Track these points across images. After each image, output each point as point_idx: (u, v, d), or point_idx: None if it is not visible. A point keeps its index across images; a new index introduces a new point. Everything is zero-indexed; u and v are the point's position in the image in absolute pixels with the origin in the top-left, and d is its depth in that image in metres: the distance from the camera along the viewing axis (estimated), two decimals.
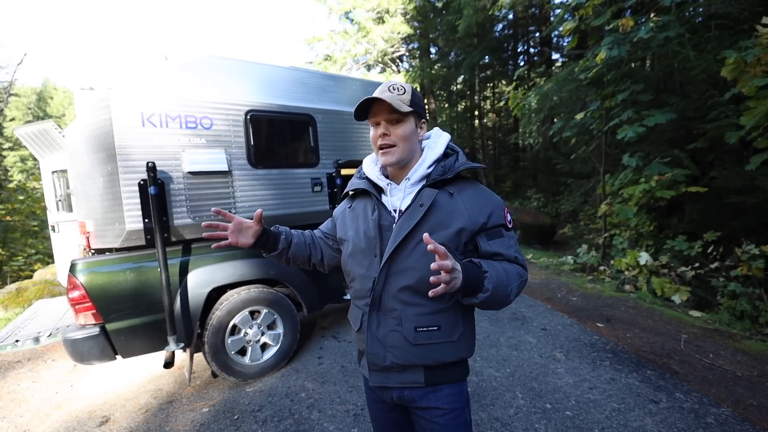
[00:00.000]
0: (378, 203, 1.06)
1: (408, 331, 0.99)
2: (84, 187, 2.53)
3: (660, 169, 4.97)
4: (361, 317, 1.07)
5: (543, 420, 2.22)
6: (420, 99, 1.05)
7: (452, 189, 1.02)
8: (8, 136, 20.87)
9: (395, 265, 1.00)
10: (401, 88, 1.01)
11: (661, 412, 2.25)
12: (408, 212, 1.00)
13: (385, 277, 1.01)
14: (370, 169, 1.12)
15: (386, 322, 1.02)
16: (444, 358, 1.00)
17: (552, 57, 13.81)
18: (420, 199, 0.99)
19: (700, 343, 3.19)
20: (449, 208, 0.99)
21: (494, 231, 1.01)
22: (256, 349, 2.85)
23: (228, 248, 2.72)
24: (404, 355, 1.00)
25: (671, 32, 4.56)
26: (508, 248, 1.00)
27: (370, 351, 1.04)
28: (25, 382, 3.08)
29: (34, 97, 27.93)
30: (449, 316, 1.00)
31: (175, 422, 2.39)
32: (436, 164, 1.04)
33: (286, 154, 3.00)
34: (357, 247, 1.07)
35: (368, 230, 1.05)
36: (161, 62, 2.61)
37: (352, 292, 1.13)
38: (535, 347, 3.17)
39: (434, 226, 0.97)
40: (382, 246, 1.02)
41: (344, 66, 13.90)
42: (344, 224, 1.16)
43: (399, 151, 1.01)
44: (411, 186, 1.03)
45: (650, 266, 4.88)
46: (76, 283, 2.23)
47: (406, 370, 1.03)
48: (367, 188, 1.09)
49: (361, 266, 1.06)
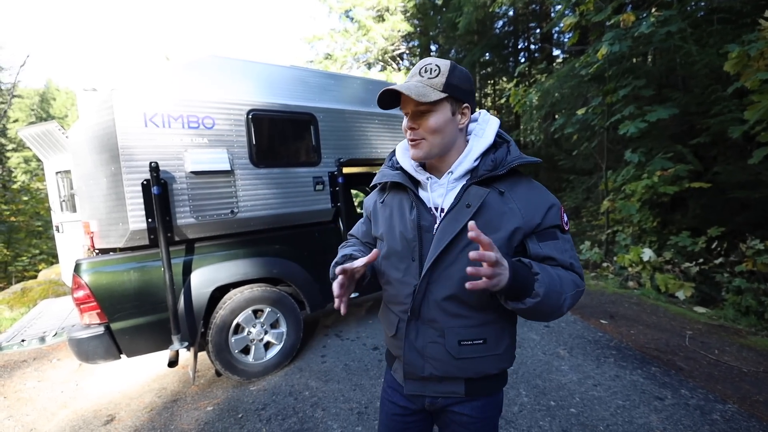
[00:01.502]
0: (416, 199, 0.93)
1: (451, 345, 0.91)
2: (88, 187, 2.54)
3: (663, 165, 4.95)
4: (397, 323, 0.98)
5: (547, 417, 2.22)
6: (462, 78, 0.87)
7: (503, 186, 0.89)
8: (12, 137, 20.99)
9: (438, 272, 0.89)
10: (435, 68, 0.85)
11: (666, 408, 2.25)
12: (452, 213, 0.87)
13: (426, 285, 0.91)
14: (405, 159, 0.97)
15: (426, 332, 0.93)
16: (487, 370, 0.93)
17: (553, 53, 13.75)
18: (467, 198, 0.87)
19: (705, 339, 3.18)
20: (499, 209, 0.87)
21: (548, 232, 0.89)
22: (259, 348, 2.86)
23: (230, 248, 2.74)
24: (444, 368, 0.93)
25: (673, 27, 4.54)
26: (563, 252, 0.88)
27: (407, 361, 0.96)
28: (31, 382, 3.10)
29: (37, 99, 28.03)
30: (496, 328, 0.92)
31: (179, 421, 2.40)
32: (483, 156, 0.91)
33: (287, 153, 3.00)
34: (392, 249, 0.96)
35: (405, 231, 0.93)
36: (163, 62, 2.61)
37: (386, 296, 1.04)
38: (538, 344, 3.17)
39: (482, 229, 0.83)
40: (421, 250, 0.91)
41: (345, 64, 13.88)
42: (377, 220, 1.04)
43: (427, 145, 0.88)
44: (454, 181, 0.91)
45: (654, 262, 4.87)
46: (81, 282, 2.24)
47: (444, 381, 0.95)
48: (403, 181, 0.95)
49: (397, 270, 0.96)
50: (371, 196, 1.11)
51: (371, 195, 1.11)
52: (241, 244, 2.79)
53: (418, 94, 0.83)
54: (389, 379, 1.09)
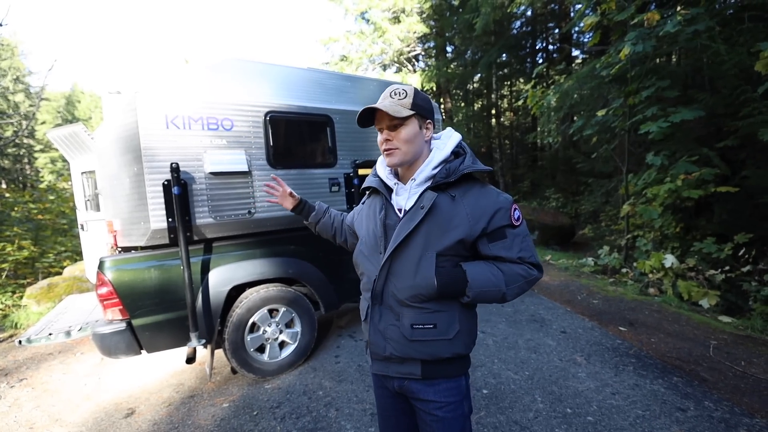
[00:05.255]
0: (386, 202, 1.11)
1: (405, 327, 1.04)
2: (111, 187, 2.62)
3: (687, 168, 4.78)
4: (367, 309, 1.13)
5: (564, 425, 2.17)
6: (424, 100, 1.07)
7: (455, 192, 1.03)
8: (40, 138, 21.85)
9: (396, 264, 1.04)
10: (402, 92, 1.04)
11: (689, 420, 2.17)
12: (410, 213, 1.03)
13: (386, 274, 1.06)
14: (381, 168, 1.17)
15: (387, 315, 1.08)
16: (440, 354, 1.04)
17: (572, 54, 13.50)
18: (421, 201, 1.02)
19: (730, 349, 3.06)
20: (449, 213, 1.02)
21: (497, 233, 1.03)
22: (274, 347, 2.89)
23: (247, 248, 2.78)
24: (402, 348, 1.05)
25: (700, 26, 4.38)
26: (509, 249, 1.03)
27: (372, 341, 1.11)
28: (56, 374, 3.22)
29: (63, 101, 29.08)
30: (445, 316, 1.04)
31: (196, 416, 2.45)
32: (442, 165, 1.06)
33: (304, 154, 3.03)
34: (365, 243, 1.14)
35: (375, 228, 1.10)
36: (184, 65, 2.67)
37: (361, 285, 1.19)
38: (554, 350, 3.11)
39: (433, 229, 1.01)
40: (386, 244, 1.06)
41: (360, 66, 13.93)
42: (360, 220, 1.23)
43: (401, 153, 1.04)
44: (416, 186, 1.07)
45: (676, 269, 4.71)
46: (105, 279, 2.32)
47: (404, 362, 1.07)
48: (377, 187, 1.14)
49: (368, 261, 1.12)
50: (363, 200, 1.31)
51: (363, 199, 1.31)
52: (257, 244, 2.83)
53: (394, 111, 1.00)
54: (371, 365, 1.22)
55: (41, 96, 9.43)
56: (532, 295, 4.60)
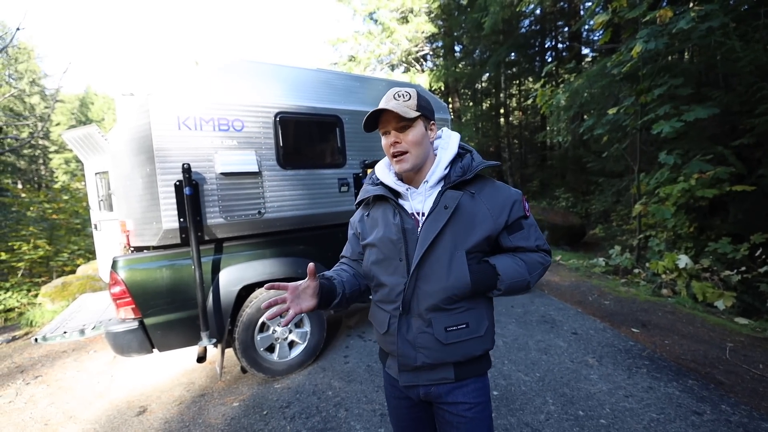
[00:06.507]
0: (398, 207, 1.07)
1: (438, 332, 1.02)
2: (124, 187, 2.66)
3: (701, 167, 4.69)
4: (389, 320, 1.08)
5: (576, 427, 2.14)
6: (427, 101, 1.07)
7: (473, 189, 1.05)
8: (54, 139, 22.30)
9: (424, 269, 1.02)
10: (406, 93, 1.03)
11: (705, 424, 2.12)
12: (433, 215, 1.01)
13: (415, 282, 1.03)
14: (385, 174, 1.13)
15: (416, 324, 1.04)
16: (473, 352, 1.04)
17: (582, 52, 13.33)
18: (444, 201, 1.02)
19: (747, 352, 2.99)
20: (472, 210, 1.03)
21: (515, 224, 1.06)
22: (284, 347, 2.90)
23: (257, 248, 2.79)
24: (435, 355, 1.03)
25: (714, 22, 4.29)
26: (527, 239, 1.08)
27: (400, 353, 1.06)
28: (70, 371, 3.28)
29: (77, 103, 29.62)
30: (475, 313, 1.05)
31: (207, 415, 2.47)
32: (452, 164, 1.07)
33: (313, 154, 3.04)
34: (381, 253, 1.09)
35: (391, 234, 1.05)
36: (194, 67, 2.69)
37: (377, 297, 1.14)
38: (565, 352, 3.07)
39: (459, 228, 1.01)
40: (407, 250, 1.03)
41: (368, 66, 13.93)
42: (364, 232, 1.16)
43: (412, 156, 1.03)
44: (431, 188, 1.06)
45: (690, 269, 4.62)
46: (117, 279, 2.35)
47: (435, 368, 1.06)
48: (384, 194, 1.09)
49: (386, 272, 1.08)
50: (357, 214, 1.23)
51: (356, 213, 1.24)
52: (267, 244, 2.84)
53: (402, 112, 0.98)
54: (386, 376, 1.19)
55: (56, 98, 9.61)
56: (542, 296, 4.56)
